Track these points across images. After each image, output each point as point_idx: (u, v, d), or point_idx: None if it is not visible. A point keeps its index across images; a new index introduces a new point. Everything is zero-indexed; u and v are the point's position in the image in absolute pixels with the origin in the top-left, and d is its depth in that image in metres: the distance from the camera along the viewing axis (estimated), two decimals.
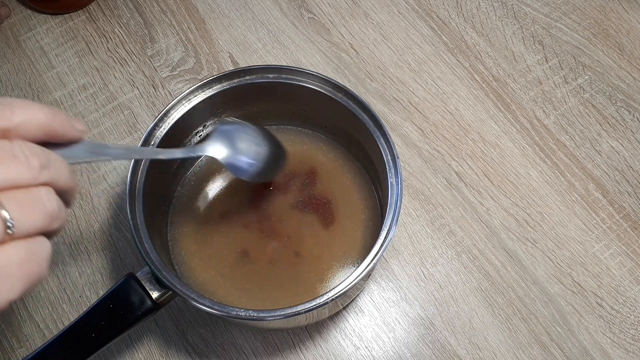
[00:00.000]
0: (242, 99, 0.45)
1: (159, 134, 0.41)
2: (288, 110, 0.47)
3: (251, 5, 0.61)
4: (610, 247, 0.50)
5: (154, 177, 0.41)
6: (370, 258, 0.36)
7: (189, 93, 0.42)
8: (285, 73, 0.43)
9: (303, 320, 0.44)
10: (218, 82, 0.42)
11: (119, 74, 0.57)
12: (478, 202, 0.51)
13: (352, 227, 0.45)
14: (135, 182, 0.39)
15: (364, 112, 0.42)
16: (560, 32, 0.59)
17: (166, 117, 0.41)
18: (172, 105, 0.41)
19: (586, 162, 0.53)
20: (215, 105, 0.44)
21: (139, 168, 0.40)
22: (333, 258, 0.44)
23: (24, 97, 0.55)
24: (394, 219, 0.38)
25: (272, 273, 0.44)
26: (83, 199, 0.52)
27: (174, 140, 0.43)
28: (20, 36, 0.59)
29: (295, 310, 0.34)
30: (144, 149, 0.32)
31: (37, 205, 0.22)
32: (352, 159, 0.48)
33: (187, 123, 0.43)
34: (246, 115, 0.47)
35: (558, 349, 0.46)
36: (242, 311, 0.35)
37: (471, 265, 0.49)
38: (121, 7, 0.60)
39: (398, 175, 0.39)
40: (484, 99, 0.56)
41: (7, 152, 0.21)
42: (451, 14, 0.60)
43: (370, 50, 0.58)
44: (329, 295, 0.35)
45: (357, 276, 0.36)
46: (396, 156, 0.40)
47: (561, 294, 0.48)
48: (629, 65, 0.58)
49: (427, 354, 0.46)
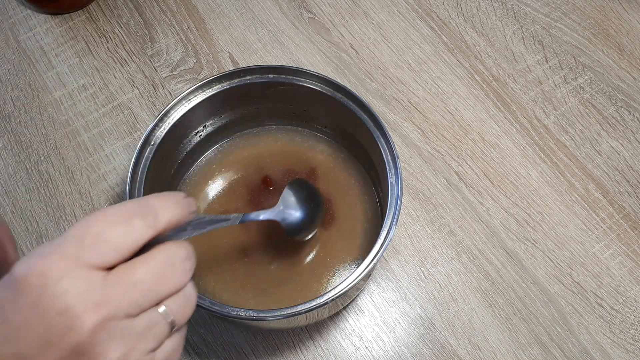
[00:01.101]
0: (242, 99, 0.45)
1: (159, 134, 0.41)
2: (288, 110, 0.47)
3: (251, 5, 0.61)
4: (610, 247, 0.50)
5: (154, 178, 0.41)
6: (370, 258, 0.36)
7: (189, 93, 0.42)
8: (285, 73, 0.43)
9: (303, 321, 0.44)
10: (218, 82, 0.42)
11: (119, 74, 0.57)
12: (478, 202, 0.51)
13: (352, 227, 0.45)
14: (135, 183, 0.39)
15: (363, 112, 0.42)
16: (560, 32, 0.59)
17: (166, 117, 0.41)
18: (172, 105, 0.41)
19: (586, 162, 0.53)
20: (215, 106, 0.44)
21: (139, 168, 0.40)
22: (333, 258, 0.44)
23: (23, 97, 0.56)
24: (394, 219, 0.38)
25: (271, 273, 0.44)
26: (83, 198, 0.52)
27: (175, 140, 0.43)
28: (20, 36, 0.59)
29: (296, 311, 0.34)
30: (231, 216, 0.35)
31: (189, 303, 0.26)
32: (353, 159, 0.48)
33: (187, 123, 0.43)
34: (247, 116, 0.47)
35: (558, 349, 0.46)
36: (242, 311, 0.35)
37: (471, 265, 0.49)
38: (121, 7, 0.60)
39: (398, 175, 0.39)
40: (484, 99, 0.56)
41: (167, 264, 0.25)
42: (451, 14, 0.60)
43: (370, 50, 0.58)
44: (329, 296, 0.35)
45: (357, 276, 0.36)
46: (396, 156, 0.40)
47: (561, 294, 0.48)
48: (629, 65, 0.58)
49: (427, 354, 0.46)
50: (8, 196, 0.52)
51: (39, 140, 0.54)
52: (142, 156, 0.40)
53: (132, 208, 0.25)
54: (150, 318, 0.24)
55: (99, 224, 0.24)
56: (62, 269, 0.22)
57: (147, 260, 0.25)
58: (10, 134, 0.54)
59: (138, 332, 0.24)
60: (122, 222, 0.24)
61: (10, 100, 0.56)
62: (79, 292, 0.22)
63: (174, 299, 0.25)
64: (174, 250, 0.26)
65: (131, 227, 0.24)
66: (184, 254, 0.26)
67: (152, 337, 0.25)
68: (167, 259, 0.25)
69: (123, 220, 0.24)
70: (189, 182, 0.47)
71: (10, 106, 0.55)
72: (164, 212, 0.26)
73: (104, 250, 0.23)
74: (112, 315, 0.23)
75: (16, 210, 0.51)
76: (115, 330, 0.23)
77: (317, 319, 0.45)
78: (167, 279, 0.25)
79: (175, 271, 0.25)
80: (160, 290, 0.25)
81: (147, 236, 0.25)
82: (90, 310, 0.22)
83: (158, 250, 0.25)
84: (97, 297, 0.23)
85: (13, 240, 0.35)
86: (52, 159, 0.53)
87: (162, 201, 0.26)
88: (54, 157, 0.53)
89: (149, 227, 0.25)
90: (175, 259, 0.25)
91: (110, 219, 0.24)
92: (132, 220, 0.24)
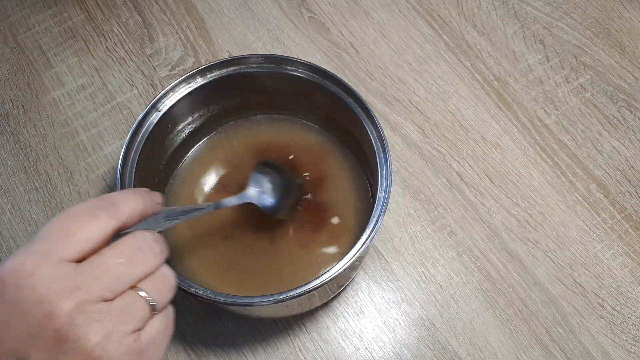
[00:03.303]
0: (231, 90, 0.45)
1: (149, 124, 0.41)
2: (276, 99, 0.47)
3: (251, 4, 0.60)
4: (612, 247, 0.50)
5: (144, 175, 0.41)
6: (359, 245, 0.37)
7: (175, 85, 0.42)
8: (273, 62, 0.43)
9: (296, 308, 0.44)
10: (207, 71, 0.43)
11: (117, 73, 0.57)
12: (479, 202, 0.51)
13: (343, 214, 0.45)
14: (125, 178, 0.40)
15: (350, 96, 0.42)
16: (562, 32, 0.59)
17: (154, 109, 0.41)
18: (160, 96, 0.42)
19: (587, 162, 0.53)
20: (205, 96, 0.44)
21: (128, 164, 0.40)
22: (325, 248, 0.44)
23: (22, 97, 0.55)
24: (384, 205, 0.38)
25: (263, 263, 0.44)
26: (82, 199, 0.51)
27: (165, 130, 0.44)
28: (19, 35, 0.59)
29: (287, 296, 0.35)
30: (204, 204, 0.36)
31: (166, 283, 0.28)
32: (343, 147, 0.48)
33: (177, 114, 0.44)
34: (235, 107, 0.48)
35: (559, 349, 0.46)
36: (232, 298, 0.35)
37: (472, 265, 0.49)
38: (120, 6, 0.60)
39: (387, 152, 0.40)
40: (485, 99, 0.56)
41: (135, 249, 0.26)
42: (452, 13, 0.60)
43: (370, 49, 0.58)
44: (318, 281, 0.35)
45: (346, 263, 0.36)
46: (383, 137, 0.40)
47: (562, 295, 0.48)
48: (630, 64, 0.58)
49: (428, 355, 0.46)
50: (7, 196, 0.51)
51: (37, 140, 0.54)
52: (131, 147, 0.41)
53: (94, 203, 0.27)
54: (126, 300, 0.25)
55: (64, 221, 0.25)
56: (33, 266, 0.24)
57: (116, 246, 0.26)
58: (9, 133, 0.54)
59: (116, 315, 0.25)
60: (85, 216, 0.26)
61: (9, 99, 0.55)
62: (52, 282, 0.24)
63: (150, 280, 0.27)
64: (141, 235, 0.27)
65: (95, 219, 0.26)
66: (152, 238, 0.28)
67: (131, 318, 0.25)
68: (135, 244, 0.27)
69: (86, 214, 0.26)
70: (180, 177, 0.47)
71: (9, 106, 0.55)
72: (125, 203, 0.27)
73: (71, 244, 0.25)
74: (87, 300, 0.24)
75: (15, 210, 0.51)
76: (93, 314, 0.24)
77: (310, 307, 0.45)
78: (138, 262, 0.26)
79: (145, 253, 0.27)
80: (132, 272, 0.26)
81: (112, 226, 0.26)
82: (64, 296, 0.23)
83: (126, 237, 0.27)
84: (70, 284, 0.24)
85: None
86: (50, 158, 0.53)
87: (123, 194, 0.28)
88: (53, 157, 0.53)
89: (111, 217, 0.26)
90: (143, 243, 0.27)
91: (73, 214, 0.26)
92: (95, 213, 0.26)
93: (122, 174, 0.39)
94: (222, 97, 0.46)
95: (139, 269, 0.26)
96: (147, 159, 0.41)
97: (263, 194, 0.42)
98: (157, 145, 0.43)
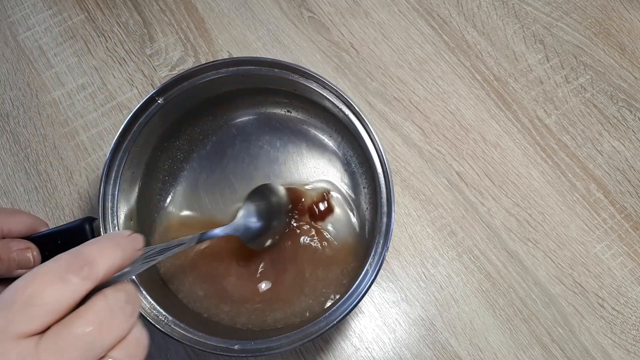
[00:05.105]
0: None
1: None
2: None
3: (251, 4, 0.60)
4: (612, 247, 0.50)
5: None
6: (362, 288, 0.37)
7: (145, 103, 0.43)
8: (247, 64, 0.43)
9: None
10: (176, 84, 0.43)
11: (117, 73, 0.57)
12: (479, 202, 0.51)
13: (343, 237, 0.45)
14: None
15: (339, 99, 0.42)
16: (562, 32, 0.59)
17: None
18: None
19: (587, 162, 0.53)
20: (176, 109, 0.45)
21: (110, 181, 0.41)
22: (325, 270, 0.44)
23: (22, 97, 0.55)
24: (386, 244, 0.38)
25: (260, 288, 0.43)
26: (82, 199, 0.51)
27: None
28: (19, 35, 0.59)
29: (287, 342, 0.35)
30: (185, 239, 0.34)
31: (139, 346, 0.25)
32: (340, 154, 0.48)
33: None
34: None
35: (559, 350, 0.46)
36: (224, 342, 0.36)
37: (472, 265, 0.49)
38: (120, 6, 0.60)
39: (385, 163, 0.40)
40: (485, 99, 0.56)
41: (105, 314, 0.23)
42: (452, 13, 0.60)
43: (370, 49, 0.58)
44: (320, 325, 0.36)
45: (344, 312, 0.36)
46: (376, 140, 0.40)
47: (562, 295, 0.48)
48: (630, 64, 0.57)
49: (428, 355, 0.46)
50: (7, 196, 0.51)
51: (37, 140, 0.54)
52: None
53: (65, 263, 0.24)
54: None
55: (30, 287, 0.22)
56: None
57: (83, 313, 0.23)
58: (8, 133, 0.54)
59: None
60: (54, 280, 0.23)
61: (8, 99, 0.55)
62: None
63: (121, 347, 0.24)
64: (113, 296, 0.24)
65: (65, 284, 0.23)
66: (124, 298, 0.25)
67: None
68: (106, 308, 0.24)
69: (55, 278, 0.23)
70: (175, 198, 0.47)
71: (8, 106, 0.55)
72: (101, 260, 0.24)
73: (35, 315, 0.22)
74: None
75: None
76: None
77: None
78: (109, 329, 0.24)
79: (116, 318, 0.24)
80: (102, 342, 0.23)
81: (84, 290, 0.23)
82: None
83: (96, 300, 0.24)
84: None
85: None
86: (50, 158, 0.53)
87: (99, 248, 0.25)
88: (53, 157, 0.53)
89: (85, 280, 0.23)
90: (114, 305, 0.24)
91: (40, 279, 0.23)
92: (65, 277, 0.23)
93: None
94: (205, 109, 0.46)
95: (110, 337, 0.24)
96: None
97: (249, 229, 0.40)
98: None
